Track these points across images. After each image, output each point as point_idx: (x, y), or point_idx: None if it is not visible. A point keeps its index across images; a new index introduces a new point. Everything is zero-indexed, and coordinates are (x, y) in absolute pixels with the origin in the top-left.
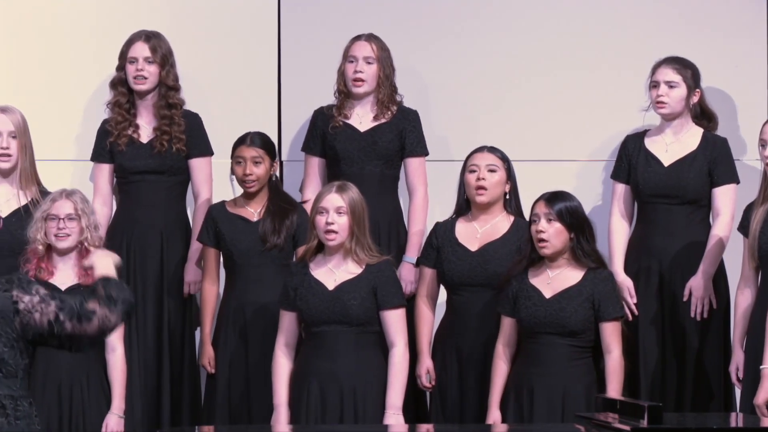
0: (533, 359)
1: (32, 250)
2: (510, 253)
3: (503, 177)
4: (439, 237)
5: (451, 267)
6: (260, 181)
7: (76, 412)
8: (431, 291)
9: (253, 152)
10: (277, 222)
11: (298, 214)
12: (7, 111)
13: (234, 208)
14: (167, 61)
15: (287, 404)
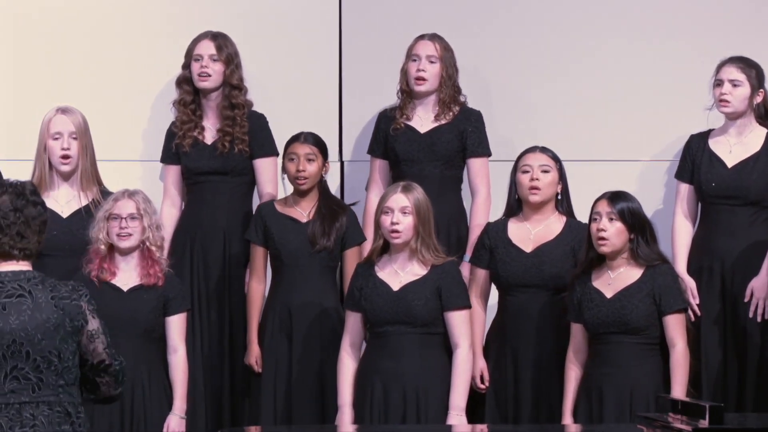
0: (601, 360)
1: (94, 250)
2: (564, 254)
3: (555, 177)
4: (492, 238)
5: (505, 268)
6: (312, 179)
7: (138, 413)
8: (483, 291)
9: (306, 149)
10: (327, 224)
11: (348, 217)
12: (68, 112)
13: (283, 207)
14: (232, 61)
15: (351, 404)
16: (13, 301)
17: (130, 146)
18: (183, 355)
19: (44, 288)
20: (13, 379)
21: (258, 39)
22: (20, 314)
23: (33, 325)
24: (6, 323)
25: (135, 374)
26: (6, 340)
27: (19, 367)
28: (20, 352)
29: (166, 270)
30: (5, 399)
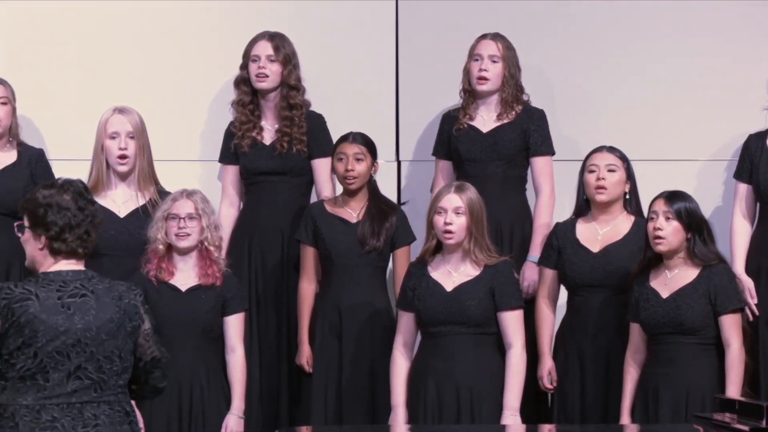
0: (658, 360)
1: (153, 250)
2: (632, 254)
3: (623, 177)
4: (560, 238)
5: (573, 268)
6: (361, 178)
7: (196, 413)
8: (552, 292)
9: (355, 149)
10: (377, 225)
11: (397, 216)
12: (125, 112)
13: (333, 208)
14: (290, 61)
15: (405, 404)
16: (78, 301)
17: (189, 146)
18: (241, 355)
19: (104, 287)
20: (76, 378)
21: (315, 39)
22: (85, 314)
23: (97, 324)
24: (72, 323)
25: (193, 374)
26: (71, 339)
27: (82, 367)
28: (85, 352)
29: (224, 270)
30: (68, 399)
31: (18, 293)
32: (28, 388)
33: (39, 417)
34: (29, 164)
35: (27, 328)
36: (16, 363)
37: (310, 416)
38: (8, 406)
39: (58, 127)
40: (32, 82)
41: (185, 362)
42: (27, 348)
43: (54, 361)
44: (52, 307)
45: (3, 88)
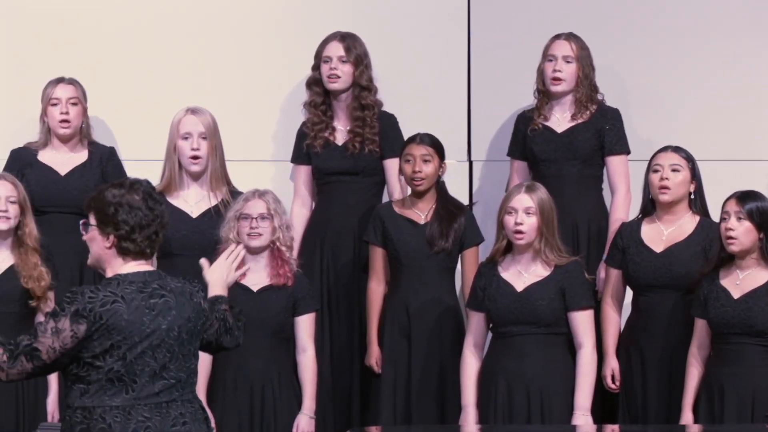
0: (723, 359)
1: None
2: (695, 254)
3: (687, 176)
4: (625, 238)
5: (636, 268)
6: (428, 179)
7: (268, 413)
8: (617, 292)
9: (422, 150)
10: (445, 226)
11: (466, 217)
12: (198, 112)
13: (401, 209)
14: (361, 62)
15: (475, 404)
16: (160, 302)
17: (261, 146)
18: (312, 355)
19: (178, 287)
20: (161, 378)
21: (387, 39)
22: (167, 314)
23: (178, 324)
24: (157, 324)
25: (265, 374)
26: (157, 340)
27: (167, 366)
28: (169, 352)
29: (295, 270)
30: (156, 399)
31: (102, 296)
32: (117, 389)
33: (130, 417)
34: (100, 163)
35: (115, 331)
36: (102, 366)
37: (378, 417)
38: (96, 408)
39: (129, 128)
40: (104, 83)
41: (256, 362)
42: (116, 350)
43: (142, 363)
44: (138, 309)
45: (74, 89)
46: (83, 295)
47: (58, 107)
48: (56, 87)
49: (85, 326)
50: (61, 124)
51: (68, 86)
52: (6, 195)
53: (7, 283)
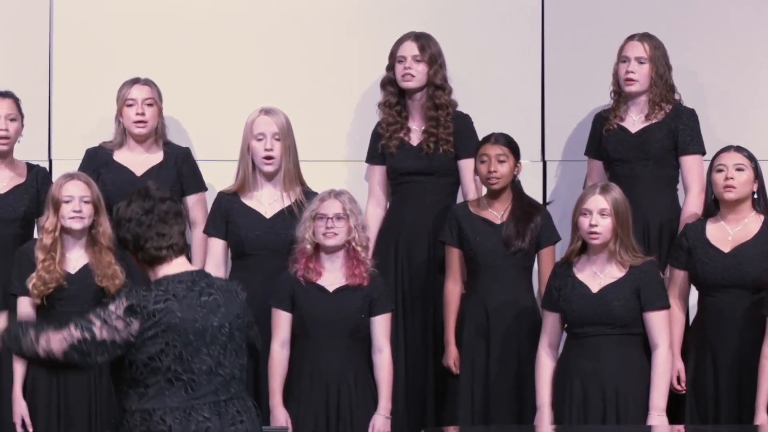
0: None
1: (301, 250)
2: (763, 253)
3: (751, 176)
4: (690, 238)
5: (704, 269)
6: (504, 179)
7: (344, 413)
8: (682, 292)
9: (497, 150)
10: (521, 226)
11: (542, 216)
12: (271, 113)
13: (477, 209)
14: (435, 61)
15: (550, 404)
16: (209, 299)
17: (335, 147)
18: (388, 355)
19: (223, 285)
20: (216, 375)
21: (461, 39)
22: (216, 311)
23: (228, 321)
24: (209, 321)
25: (341, 374)
26: (209, 337)
27: (221, 363)
28: (223, 348)
29: (371, 270)
30: (213, 397)
31: (155, 295)
32: (176, 389)
33: (191, 418)
34: (176, 163)
35: (170, 329)
36: (160, 366)
37: (456, 417)
38: (156, 410)
39: (204, 128)
40: (179, 83)
41: (332, 362)
42: (171, 349)
43: (198, 360)
44: (190, 306)
45: (149, 89)
46: (137, 292)
47: (133, 108)
48: (132, 88)
49: (138, 323)
50: (137, 124)
51: (144, 87)
52: (80, 195)
53: (82, 281)
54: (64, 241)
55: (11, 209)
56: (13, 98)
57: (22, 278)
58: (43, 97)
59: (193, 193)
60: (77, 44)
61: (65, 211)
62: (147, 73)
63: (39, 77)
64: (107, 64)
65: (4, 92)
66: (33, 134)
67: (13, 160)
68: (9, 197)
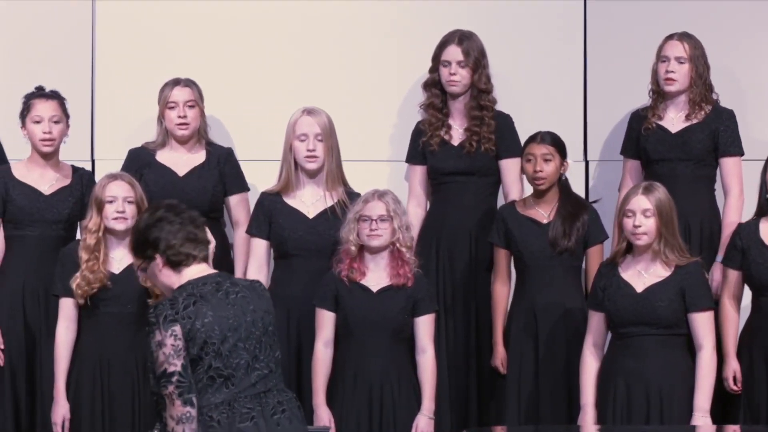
0: None
1: (345, 251)
2: None
3: None
4: (744, 238)
5: (759, 269)
6: (550, 178)
7: (387, 413)
8: (736, 293)
9: (543, 149)
10: (568, 225)
11: (589, 215)
12: (314, 113)
13: (524, 208)
14: (479, 64)
15: (594, 404)
16: (238, 298)
17: (374, 146)
18: (432, 356)
19: (248, 285)
20: (254, 370)
21: (503, 38)
22: (246, 309)
23: (260, 317)
24: (241, 318)
25: (384, 374)
26: (244, 333)
27: (258, 357)
28: (258, 343)
29: (415, 270)
30: (253, 390)
31: (182, 300)
32: (219, 385)
33: (235, 410)
34: (218, 164)
35: (204, 328)
36: (201, 365)
37: (503, 416)
38: (202, 408)
39: (246, 129)
40: (221, 84)
41: (376, 362)
42: (210, 347)
43: (236, 356)
44: (219, 305)
45: (191, 91)
46: (163, 306)
47: (175, 110)
48: (173, 90)
49: (178, 326)
50: (179, 126)
51: (185, 89)
52: (123, 195)
53: (126, 282)
54: (107, 242)
55: (56, 211)
56: (58, 99)
57: (65, 279)
58: (85, 97)
59: (236, 193)
60: (119, 45)
61: (109, 211)
62: (189, 74)
63: (82, 77)
64: (149, 64)
65: (50, 93)
66: (76, 135)
67: (58, 161)
68: (54, 199)
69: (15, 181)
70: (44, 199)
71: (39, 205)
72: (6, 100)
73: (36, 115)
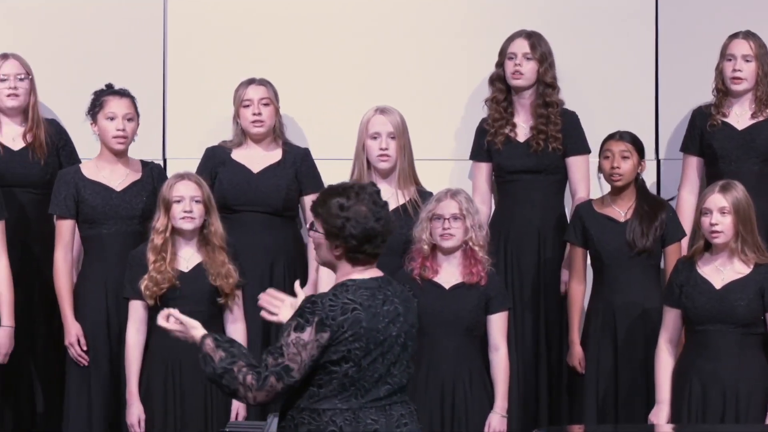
0: None
1: (417, 250)
2: None
3: None
4: None
5: None
6: (626, 176)
7: (459, 411)
8: None
9: (621, 146)
10: (645, 224)
11: (667, 213)
12: (386, 112)
13: (601, 207)
14: (546, 59)
15: (669, 402)
16: (390, 309)
17: (443, 145)
18: (505, 354)
19: (400, 292)
20: (385, 383)
21: (573, 38)
22: (395, 321)
23: (405, 330)
24: (388, 332)
25: (456, 372)
26: (387, 347)
27: (391, 372)
28: (396, 356)
29: (488, 269)
30: (380, 402)
31: (342, 304)
32: (348, 394)
33: (360, 420)
34: (294, 163)
35: (354, 339)
36: (337, 371)
37: (581, 415)
38: (326, 411)
39: (319, 127)
40: (293, 83)
41: (448, 360)
42: (352, 357)
43: (372, 369)
44: (375, 317)
45: (265, 89)
46: (323, 304)
47: (250, 108)
48: (248, 88)
49: (328, 334)
50: (254, 124)
51: (259, 87)
52: (191, 195)
53: (195, 281)
54: (175, 241)
55: (129, 207)
56: (130, 97)
57: (134, 282)
58: (157, 96)
59: (311, 192)
60: (191, 44)
61: (176, 211)
62: (261, 73)
63: (154, 76)
64: (221, 63)
65: (122, 91)
66: (148, 133)
67: (128, 158)
68: (126, 195)
69: (86, 180)
70: (117, 195)
71: (112, 203)
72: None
73: (110, 111)
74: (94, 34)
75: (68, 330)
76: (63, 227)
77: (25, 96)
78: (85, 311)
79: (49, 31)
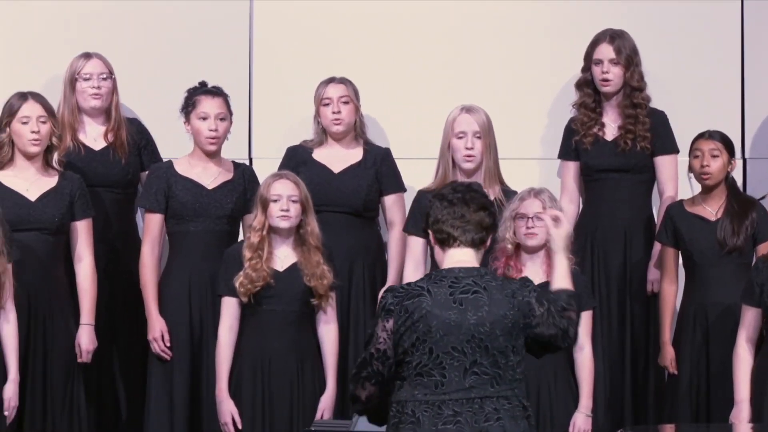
0: None
1: (501, 249)
2: None
3: None
4: None
5: None
6: (716, 174)
7: (544, 411)
8: None
9: (711, 145)
10: (736, 223)
11: (757, 211)
12: (472, 111)
13: (692, 206)
14: (631, 62)
15: (749, 401)
16: (470, 297)
17: (528, 145)
18: (589, 353)
19: (497, 285)
20: (472, 374)
21: (659, 38)
22: (477, 310)
23: (491, 320)
24: (464, 318)
25: (540, 371)
26: (465, 335)
27: (478, 362)
28: (480, 347)
29: (572, 268)
30: (466, 394)
31: (411, 289)
32: (426, 384)
33: (440, 412)
34: (374, 163)
35: (421, 324)
36: (411, 360)
37: (674, 415)
38: (407, 403)
39: (400, 127)
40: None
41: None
42: (422, 344)
43: (450, 357)
44: (443, 303)
45: (344, 88)
46: (394, 291)
47: (330, 107)
48: (327, 87)
49: (392, 320)
50: (334, 122)
51: (339, 85)
52: (288, 194)
53: (290, 280)
54: (271, 240)
55: (219, 205)
56: (223, 96)
57: (228, 279)
58: (243, 96)
59: (392, 193)
60: (276, 44)
61: (273, 210)
62: (345, 73)
63: (240, 76)
64: (306, 63)
65: (215, 89)
66: (234, 133)
67: (220, 157)
68: (217, 193)
69: (177, 176)
70: (207, 193)
71: (202, 200)
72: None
73: (202, 111)
74: (179, 34)
75: (152, 325)
76: (152, 221)
77: (107, 96)
78: (168, 308)
79: (132, 31)
